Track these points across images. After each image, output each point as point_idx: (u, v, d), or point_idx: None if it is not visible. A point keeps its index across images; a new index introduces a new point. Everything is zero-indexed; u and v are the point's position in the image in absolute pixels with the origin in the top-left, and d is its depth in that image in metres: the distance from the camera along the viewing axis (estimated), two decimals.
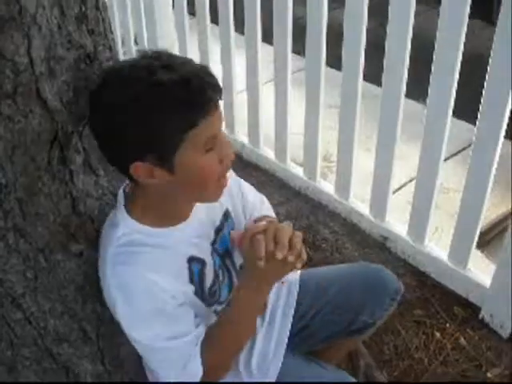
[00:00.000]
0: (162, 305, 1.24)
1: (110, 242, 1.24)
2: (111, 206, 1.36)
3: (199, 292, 1.35)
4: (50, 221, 1.21)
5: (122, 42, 3.76)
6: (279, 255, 1.21)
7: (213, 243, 1.40)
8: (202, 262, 1.35)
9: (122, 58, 3.58)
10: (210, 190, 1.25)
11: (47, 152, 1.16)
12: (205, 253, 1.36)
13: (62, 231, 1.25)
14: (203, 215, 1.37)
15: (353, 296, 1.65)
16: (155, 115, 1.09)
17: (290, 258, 1.22)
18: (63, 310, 1.33)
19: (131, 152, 1.14)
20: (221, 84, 1.17)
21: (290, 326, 1.58)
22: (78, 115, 1.22)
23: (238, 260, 1.48)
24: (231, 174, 1.42)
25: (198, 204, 1.34)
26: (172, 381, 1.32)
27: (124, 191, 1.30)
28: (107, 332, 1.46)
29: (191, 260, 1.32)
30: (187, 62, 1.16)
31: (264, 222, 1.31)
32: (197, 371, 1.31)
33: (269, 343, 1.55)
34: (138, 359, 1.52)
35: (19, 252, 1.19)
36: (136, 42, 3.68)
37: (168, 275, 1.25)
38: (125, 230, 1.24)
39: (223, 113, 3.21)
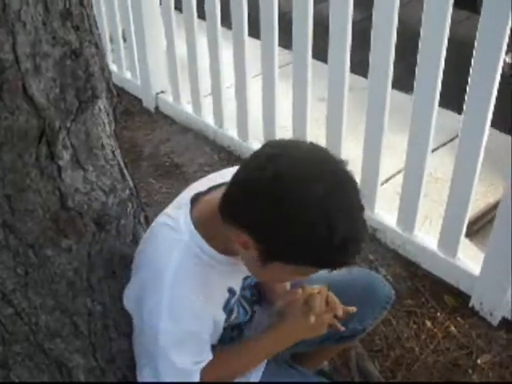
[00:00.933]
0: (199, 328, 1.30)
1: (173, 248, 1.26)
2: (100, 201, 1.37)
3: (227, 318, 1.40)
4: (39, 216, 1.22)
5: (110, 39, 3.75)
6: (329, 317, 1.39)
7: (245, 278, 1.45)
8: (234, 294, 1.40)
9: (109, 54, 3.60)
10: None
11: (35, 148, 1.16)
12: (238, 285, 1.42)
13: (51, 227, 1.25)
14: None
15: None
16: (304, 238, 1.09)
17: (331, 321, 1.40)
18: (54, 305, 1.33)
19: (256, 234, 1.14)
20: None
21: None
22: (65, 111, 1.22)
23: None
24: None
25: None
26: None
27: (192, 201, 1.31)
28: (99, 327, 1.46)
29: (230, 291, 1.38)
30: (360, 210, 1.15)
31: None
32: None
33: None
34: (130, 355, 1.53)
35: (9, 248, 1.19)
36: (124, 39, 3.67)
37: (208, 300, 1.29)
38: (189, 241, 1.26)
39: (212, 108, 3.25)
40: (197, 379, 1.32)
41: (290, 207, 1.07)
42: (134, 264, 1.36)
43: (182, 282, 1.24)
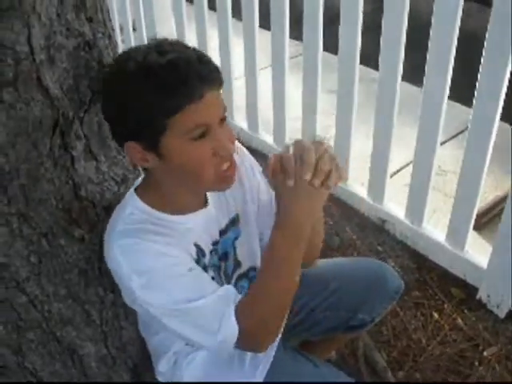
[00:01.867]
0: (178, 268, 1.20)
1: (116, 222, 1.24)
2: (112, 191, 1.38)
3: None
4: (52, 206, 1.24)
5: (121, 30, 3.77)
6: (307, 176, 1.14)
7: (215, 243, 1.37)
8: (203, 252, 1.33)
9: (120, 45, 3.60)
10: (206, 178, 1.20)
11: (49, 138, 1.18)
12: (206, 247, 1.34)
13: (64, 216, 1.27)
14: (212, 213, 1.35)
15: (352, 294, 1.63)
16: (139, 97, 1.10)
17: (316, 182, 1.15)
18: (67, 293, 1.35)
19: (124, 131, 1.17)
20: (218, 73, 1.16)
21: None
22: (78, 102, 1.24)
23: (241, 266, 1.47)
24: (242, 164, 1.40)
25: (209, 200, 1.34)
26: (208, 342, 1.23)
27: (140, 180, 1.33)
28: (110, 315, 1.48)
29: (196, 246, 1.30)
30: (187, 50, 1.15)
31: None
32: (232, 329, 1.20)
33: None
34: (141, 343, 1.55)
35: (23, 237, 1.21)
36: (134, 29, 3.68)
37: (176, 246, 1.22)
38: (133, 210, 1.24)
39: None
40: (227, 309, 1.20)
41: (120, 80, 1.13)
42: None
43: (130, 236, 1.19)
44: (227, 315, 1.20)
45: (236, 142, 1.28)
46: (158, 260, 1.18)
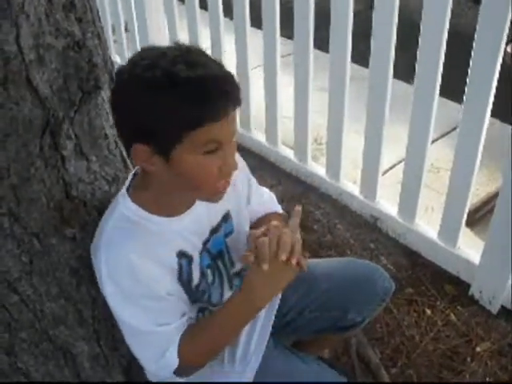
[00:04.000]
0: (148, 290, 1.25)
1: (105, 221, 1.26)
2: (103, 190, 1.39)
3: (186, 286, 1.35)
4: (43, 205, 1.24)
5: (113, 30, 3.77)
6: (283, 256, 1.21)
7: (205, 242, 1.39)
8: (190, 258, 1.35)
9: (112, 46, 3.61)
10: (205, 190, 1.25)
11: (39, 138, 1.18)
12: (194, 250, 1.36)
13: (55, 215, 1.27)
14: (202, 213, 1.36)
15: (342, 294, 1.63)
16: (162, 106, 1.10)
17: (293, 261, 1.23)
18: (59, 292, 1.35)
19: (137, 133, 1.16)
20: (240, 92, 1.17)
21: (273, 318, 1.56)
22: (68, 102, 1.24)
23: (234, 265, 1.49)
24: (239, 174, 1.40)
25: (198, 201, 1.34)
26: (149, 366, 1.34)
27: (132, 178, 1.33)
28: (102, 314, 1.48)
29: (180, 254, 1.32)
30: (214, 65, 1.16)
31: (265, 227, 1.30)
32: (173, 362, 1.31)
33: (252, 335, 1.54)
34: None
35: (14, 236, 1.21)
36: (126, 30, 3.68)
37: (156, 262, 1.26)
38: (123, 209, 1.26)
39: None
40: (173, 343, 1.30)
41: (142, 85, 1.11)
42: None
43: (115, 244, 1.23)
44: (171, 350, 1.30)
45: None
46: (136, 283, 1.24)
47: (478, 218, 2.58)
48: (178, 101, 1.09)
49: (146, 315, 1.27)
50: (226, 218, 1.43)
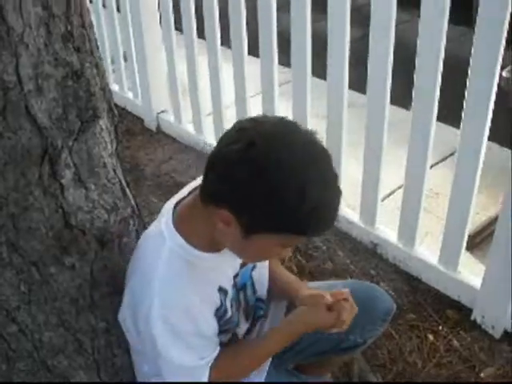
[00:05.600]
0: (197, 328, 1.29)
1: (157, 255, 1.27)
2: (102, 219, 1.39)
3: (220, 320, 1.38)
4: (42, 235, 1.24)
5: (112, 60, 3.80)
6: (345, 327, 1.40)
7: (235, 276, 1.43)
8: (226, 293, 1.38)
9: (110, 75, 3.63)
10: (251, 260, 1.40)
11: (38, 167, 1.19)
12: (229, 284, 1.40)
13: (54, 244, 1.27)
14: None
15: None
16: (287, 210, 1.12)
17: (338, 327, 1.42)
18: (58, 322, 1.35)
19: (235, 204, 1.16)
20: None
21: None
22: (67, 131, 1.25)
23: (251, 297, 1.53)
24: None
25: None
26: None
27: (174, 207, 1.33)
28: (102, 344, 1.48)
29: (220, 290, 1.36)
30: (335, 181, 1.20)
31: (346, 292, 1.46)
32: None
33: None
34: (132, 370, 1.54)
35: (13, 266, 1.21)
36: (125, 59, 3.71)
37: (206, 301, 1.31)
38: (173, 246, 1.27)
39: (212, 127, 3.26)
40: (205, 376, 1.33)
41: (266, 173, 1.11)
42: (126, 278, 1.37)
43: (171, 285, 1.25)
44: (204, 374, 1.34)
45: None
46: (189, 322, 1.28)
47: (479, 242, 2.57)
48: (300, 216, 1.13)
49: (193, 351, 1.31)
50: None
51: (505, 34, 1.80)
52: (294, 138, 1.15)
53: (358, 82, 2.51)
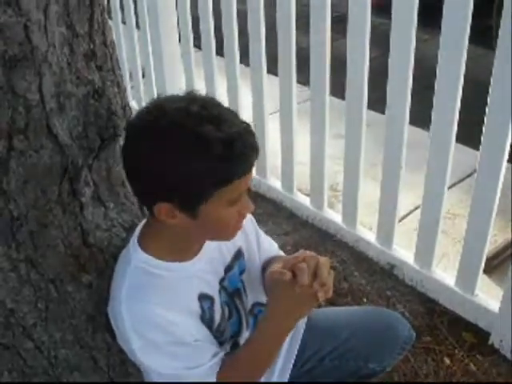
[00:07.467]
0: (173, 337, 1.26)
1: (122, 279, 1.26)
2: (120, 237, 1.39)
3: (209, 328, 1.36)
4: (60, 252, 1.24)
5: (130, 76, 3.82)
6: (316, 285, 1.24)
7: (221, 281, 1.41)
8: (211, 300, 1.37)
9: (129, 91, 3.65)
10: (226, 235, 1.31)
11: (58, 185, 1.19)
12: (213, 290, 1.38)
13: (72, 262, 1.27)
14: (215, 252, 1.39)
15: (363, 343, 1.62)
16: (192, 167, 1.11)
17: (321, 294, 1.25)
18: (74, 339, 1.35)
19: (160, 193, 1.17)
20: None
21: (292, 361, 1.57)
22: (87, 149, 1.25)
23: (250, 301, 1.50)
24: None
25: (207, 241, 1.36)
26: None
27: (142, 226, 1.33)
28: (117, 361, 1.47)
29: (201, 297, 1.34)
30: (233, 118, 1.19)
31: (302, 254, 1.31)
32: None
33: (270, 378, 1.53)
34: None
35: (31, 283, 1.21)
36: (143, 76, 3.73)
37: (179, 311, 1.28)
38: (137, 263, 1.26)
39: None
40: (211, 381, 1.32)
41: (170, 148, 1.11)
42: None
43: (135, 300, 1.24)
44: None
45: None
46: (162, 333, 1.25)
47: (496, 264, 2.54)
48: (210, 163, 1.11)
49: (176, 361, 1.28)
50: (239, 255, 1.46)
51: None
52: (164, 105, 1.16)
53: (375, 102, 2.50)
